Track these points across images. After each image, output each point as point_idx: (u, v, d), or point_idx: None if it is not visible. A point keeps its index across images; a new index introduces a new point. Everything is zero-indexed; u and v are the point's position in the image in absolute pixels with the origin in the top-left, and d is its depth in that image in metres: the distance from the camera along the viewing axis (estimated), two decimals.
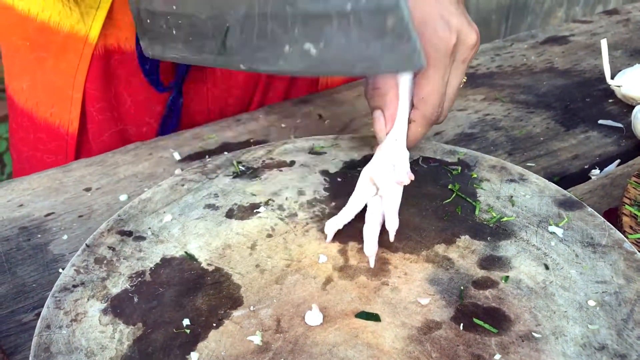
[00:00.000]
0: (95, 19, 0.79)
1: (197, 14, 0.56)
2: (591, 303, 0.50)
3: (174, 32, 0.59)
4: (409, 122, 0.59)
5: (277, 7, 0.50)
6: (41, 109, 0.86)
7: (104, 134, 0.86)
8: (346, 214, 0.58)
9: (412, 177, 0.58)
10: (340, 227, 0.58)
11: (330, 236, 0.58)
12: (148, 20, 0.61)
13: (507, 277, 0.53)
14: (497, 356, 0.46)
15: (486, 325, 0.49)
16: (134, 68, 0.83)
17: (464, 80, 0.62)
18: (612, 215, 0.60)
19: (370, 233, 0.56)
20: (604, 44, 0.82)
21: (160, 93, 0.86)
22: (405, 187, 0.58)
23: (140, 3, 0.61)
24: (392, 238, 0.56)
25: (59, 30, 0.80)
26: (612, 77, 0.85)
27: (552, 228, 0.58)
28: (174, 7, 0.58)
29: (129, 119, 0.86)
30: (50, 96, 0.85)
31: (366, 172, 0.58)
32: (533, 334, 0.48)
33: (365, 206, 0.58)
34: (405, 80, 0.59)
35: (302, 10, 0.49)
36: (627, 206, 0.60)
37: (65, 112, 0.84)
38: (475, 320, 0.49)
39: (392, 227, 0.56)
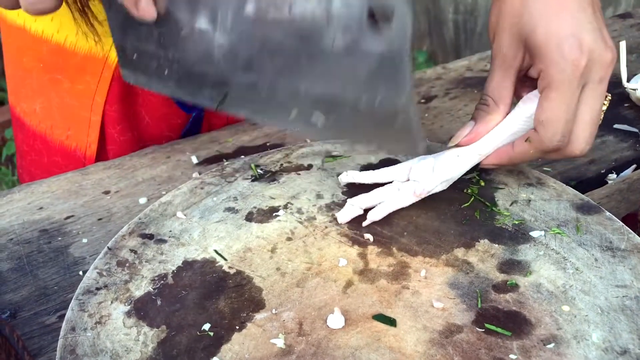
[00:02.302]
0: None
1: (197, 68, 0.56)
2: (612, 307, 0.51)
3: (166, 72, 0.58)
4: (526, 140, 0.58)
5: (290, 86, 0.52)
6: (56, 131, 0.84)
7: (125, 154, 0.85)
8: (373, 195, 0.61)
9: (421, 197, 0.60)
10: (363, 205, 0.60)
11: (349, 211, 0.60)
12: (135, 55, 0.59)
13: (515, 282, 0.54)
14: (517, 358, 0.47)
15: (499, 329, 0.49)
16: None
17: (607, 100, 0.58)
18: (631, 221, 0.60)
19: (382, 208, 0.59)
20: (622, 46, 0.83)
21: (187, 113, 0.85)
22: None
23: (126, 40, 0.59)
24: (364, 223, 0.59)
25: (75, 52, 0.78)
26: (628, 81, 0.85)
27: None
28: (170, 54, 0.56)
29: (148, 135, 0.85)
30: (66, 119, 0.83)
31: (411, 162, 0.61)
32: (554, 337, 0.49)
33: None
34: (523, 107, 0.58)
35: (316, 94, 0.52)
36: None
37: (82, 135, 0.82)
38: (487, 325, 0.50)
39: (373, 217, 0.59)
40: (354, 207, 0.60)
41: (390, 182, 0.62)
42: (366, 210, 0.60)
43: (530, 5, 0.56)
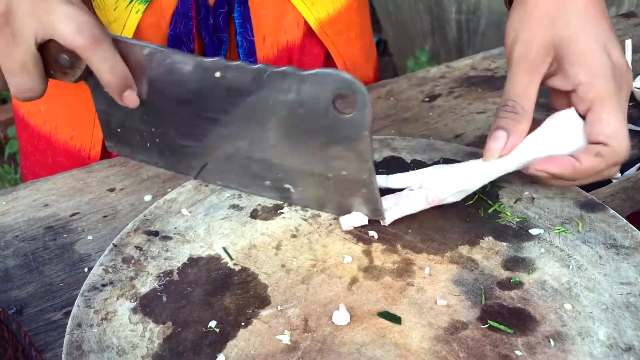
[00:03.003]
0: None
1: (177, 141, 0.62)
2: (616, 304, 0.51)
3: (149, 145, 0.64)
4: (596, 155, 0.55)
5: (264, 158, 0.59)
6: (60, 132, 0.84)
7: None
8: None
9: (433, 204, 0.59)
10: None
11: (353, 218, 0.60)
12: (118, 130, 0.65)
13: (519, 280, 0.54)
14: (522, 355, 0.47)
15: (502, 327, 0.49)
16: None
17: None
18: (636, 219, 0.60)
19: (392, 212, 0.59)
20: (628, 44, 0.83)
21: None
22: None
23: (111, 116, 0.64)
24: (384, 222, 0.60)
25: None
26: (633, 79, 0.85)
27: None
28: (153, 129, 0.63)
29: None
30: (70, 119, 0.83)
31: (425, 171, 0.60)
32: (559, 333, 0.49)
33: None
34: (552, 125, 0.57)
35: (288, 167, 0.59)
36: None
37: (86, 136, 0.82)
38: (490, 322, 0.50)
39: (385, 217, 0.59)
40: (358, 215, 0.60)
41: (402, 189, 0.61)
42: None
43: (569, 15, 0.56)
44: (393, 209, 0.59)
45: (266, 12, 0.79)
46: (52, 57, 0.57)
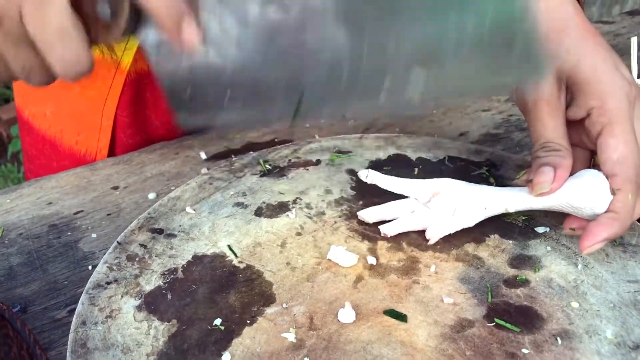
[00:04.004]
0: (127, 46, 0.75)
1: (261, 76, 0.49)
2: (624, 302, 0.50)
3: (227, 98, 0.50)
4: (612, 192, 0.52)
5: (377, 43, 0.45)
6: (66, 136, 0.83)
7: None
8: (386, 210, 0.59)
9: (432, 241, 0.57)
10: (374, 219, 0.60)
11: (370, 218, 0.59)
12: (188, 96, 0.51)
13: (525, 278, 0.53)
14: (530, 353, 0.47)
15: (508, 325, 0.49)
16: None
17: None
18: None
19: (397, 226, 0.58)
20: (633, 41, 0.82)
21: None
22: None
23: (174, 75, 0.51)
24: (387, 234, 0.58)
25: None
26: (638, 77, 0.84)
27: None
28: (228, 73, 0.49)
29: (158, 138, 0.83)
30: (76, 124, 0.82)
31: (436, 183, 0.58)
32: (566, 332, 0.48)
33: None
34: (574, 183, 0.54)
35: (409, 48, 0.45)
36: None
37: (92, 140, 0.81)
38: (497, 320, 0.49)
39: (386, 232, 0.58)
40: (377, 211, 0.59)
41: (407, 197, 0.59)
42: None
43: (566, 44, 0.55)
44: (397, 224, 0.58)
45: None
46: (88, 15, 0.46)
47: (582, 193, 0.52)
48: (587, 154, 0.57)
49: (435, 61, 0.45)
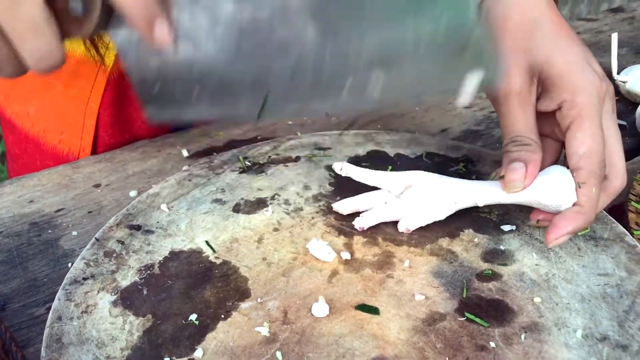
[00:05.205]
0: (110, 46, 0.74)
1: (229, 73, 0.50)
2: (593, 295, 0.51)
3: (195, 93, 0.51)
4: (578, 186, 0.52)
5: (340, 44, 0.46)
6: (49, 135, 0.83)
7: None
8: (359, 201, 0.60)
9: (407, 232, 0.58)
10: (348, 210, 0.60)
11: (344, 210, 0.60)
12: (157, 90, 0.52)
13: (491, 271, 0.54)
14: (500, 346, 0.47)
15: (477, 320, 0.50)
16: None
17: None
18: (618, 212, 0.60)
19: (371, 218, 0.58)
20: (614, 38, 0.83)
21: None
22: None
23: (145, 72, 0.52)
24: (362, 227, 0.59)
25: (69, 56, 0.75)
26: (618, 73, 0.85)
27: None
28: (197, 70, 0.50)
29: (141, 137, 0.83)
30: (59, 123, 0.82)
31: (410, 175, 0.58)
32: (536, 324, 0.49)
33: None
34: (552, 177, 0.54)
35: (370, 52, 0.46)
36: (632, 203, 0.61)
37: (75, 139, 0.81)
38: (467, 314, 0.50)
39: (360, 225, 0.59)
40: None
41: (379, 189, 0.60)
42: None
43: (538, 38, 0.55)
44: (371, 216, 0.58)
45: None
46: (60, 9, 0.47)
47: (549, 190, 0.53)
48: (558, 145, 0.58)
49: (394, 62, 0.46)
